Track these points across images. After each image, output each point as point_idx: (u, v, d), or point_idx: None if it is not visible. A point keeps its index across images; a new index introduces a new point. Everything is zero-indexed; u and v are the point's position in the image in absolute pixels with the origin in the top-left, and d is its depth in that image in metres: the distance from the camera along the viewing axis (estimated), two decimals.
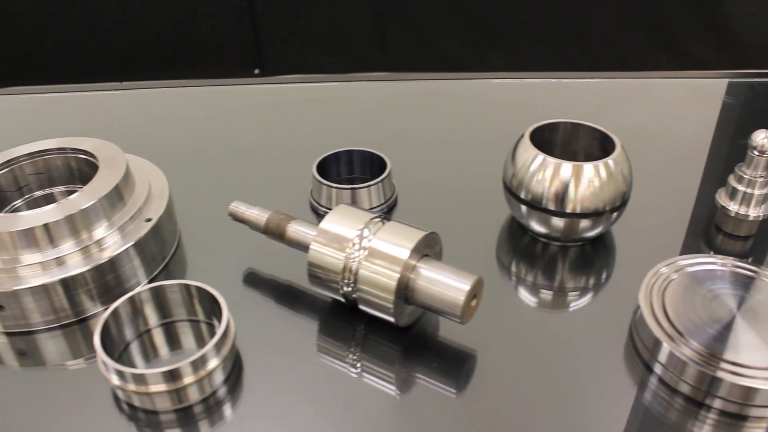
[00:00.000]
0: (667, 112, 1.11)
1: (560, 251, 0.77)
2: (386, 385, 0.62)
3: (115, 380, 0.57)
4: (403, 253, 0.61)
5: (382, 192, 0.79)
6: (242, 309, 0.67)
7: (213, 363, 0.58)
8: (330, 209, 0.80)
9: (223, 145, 1.02)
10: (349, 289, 0.63)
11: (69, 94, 1.24)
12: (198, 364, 0.57)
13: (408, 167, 0.88)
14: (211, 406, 0.59)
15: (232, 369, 0.62)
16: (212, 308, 0.63)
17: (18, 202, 0.78)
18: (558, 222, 0.73)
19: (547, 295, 0.73)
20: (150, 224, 0.71)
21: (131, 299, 0.63)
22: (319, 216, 0.81)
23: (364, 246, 0.62)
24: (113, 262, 0.67)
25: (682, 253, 0.74)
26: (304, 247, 0.68)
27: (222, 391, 0.60)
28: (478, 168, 0.92)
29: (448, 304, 0.60)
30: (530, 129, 0.77)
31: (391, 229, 0.63)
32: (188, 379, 0.57)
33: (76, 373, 0.65)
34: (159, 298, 0.64)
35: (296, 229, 0.68)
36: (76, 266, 0.66)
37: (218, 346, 0.58)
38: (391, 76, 1.19)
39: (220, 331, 0.58)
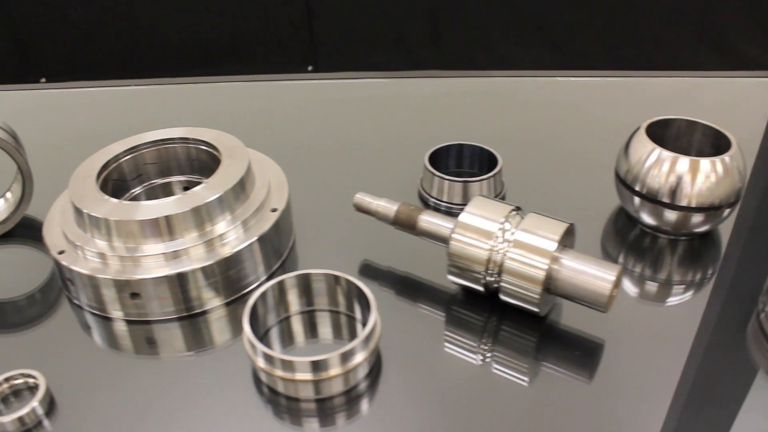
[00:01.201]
0: (719, 111, 1.11)
1: (668, 244, 0.78)
2: (519, 375, 0.63)
3: (261, 363, 0.59)
4: (550, 245, 0.62)
5: (493, 187, 0.80)
6: None
7: (360, 357, 0.59)
8: (441, 201, 0.82)
9: (315, 137, 1.03)
10: (492, 279, 0.65)
11: (142, 88, 1.25)
12: (346, 357, 0.58)
13: (511, 163, 0.89)
14: (351, 399, 0.60)
15: (375, 363, 0.63)
16: (358, 302, 0.64)
17: (137, 190, 0.79)
18: (671, 215, 0.75)
19: (652, 286, 0.75)
20: (275, 215, 0.71)
21: (279, 284, 0.64)
22: (429, 206, 0.82)
23: (507, 238, 0.64)
24: (236, 257, 0.67)
25: None
26: (436, 238, 0.69)
27: (363, 385, 0.61)
28: (575, 163, 0.93)
29: (594, 293, 0.62)
30: (646, 123, 0.78)
31: (533, 221, 0.64)
32: (334, 371, 0.58)
33: (205, 360, 0.66)
34: (304, 285, 0.65)
35: (429, 221, 0.69)
36: (199, 259, 0.66)
37: (366, 341, 0.59)
38: (476, 74, 1.21)
39: (369, 326, 0.59)
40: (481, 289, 0.66)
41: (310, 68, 1.80)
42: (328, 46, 1.82)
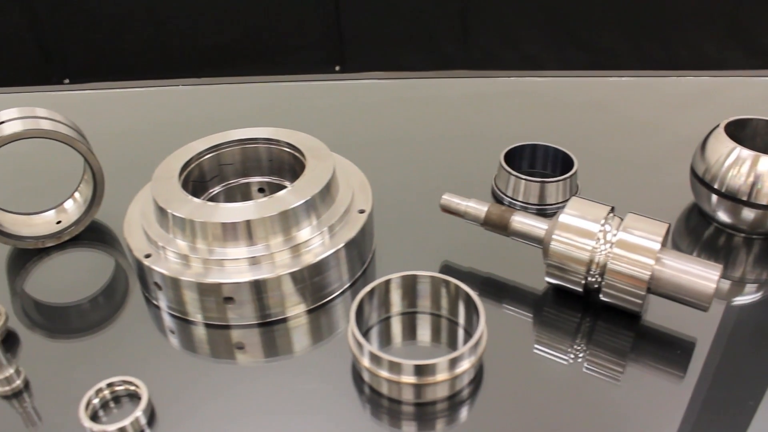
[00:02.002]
0: (746, 111, 1.13)
1: (743, 243, 0.78)
2: (614, 375, 0.62)
3: (366, 362, 0.58)
4: (654, 245, 0.62)
5: (568, 188, 0.80)
6: None
7: (466, 364, 0.58)
8: (516, 200, 0.82)
9: (376, 137, 1.02)
10: (593, 279, 0.64)
11: (168, 88, 1.24)
12: (454, 363, 0.57)
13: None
14: (453, 404, 0.59)
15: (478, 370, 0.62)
16: (464, 307, 0.63)
17: (216, 189, 0.77)
18: (749, 214, 0.75)
19: (725, 284, 0.74)
20: (363, 217, 0.70)
21: (386, 283, 0.63)
22: (503, 205, 0.81)
23: (609, 239, 0.63)
24: (321, 264, 0.66)
25: None
26: (529, 239, 0.68)
27: (466, 392, 0.60)
28: (641, 162, 0.93)
29: (698, 293, 0.61)
30: (724, 122, 0.78)
31: (633, 221, 0.64)
32: (441, 376, 0.57)
33: (295, 364, 0.65)
34: (409, 286, 0.64)
35: (522, 221, 0.69)
36: (284, 265, 0.64)
37: (475, 347, 0.58)
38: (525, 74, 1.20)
39: (478, 333, 0.58)
40: (579, 289, 0.66)
41: (337, 68, 1.78)
42: (355, 46, 1.80)
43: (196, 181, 0.73)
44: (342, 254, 0.67)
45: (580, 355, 0.64)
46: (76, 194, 0.79)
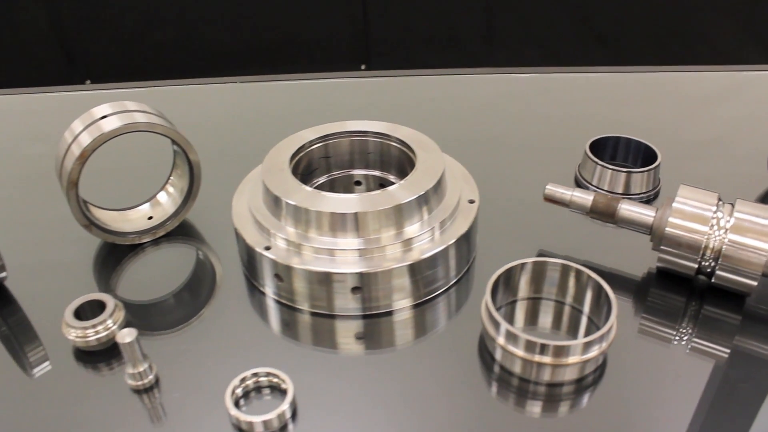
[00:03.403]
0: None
1: None
2: (722, 354, 0.64)
3: (502, 341, 0.59)
4: None
5: (652, 179, 0.82)
6: None
7: (596, 350, 0.58)
8: (600, 189, 0.83)
9: (449, 133, 0.98)
10: (707, 264, 0.66)
11: (189, 87, 1.22)
12: (587, 346, 0.58)
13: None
14: (579, 388, 0.60)
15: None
16: (592, 296, 0.64)
17: (321, 179, 0.77)
18: None
19: None
20: (473, 208, 0.70)
21: (519, 267, 0.64)
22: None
23: (723, 225, 0.65)
24: (432, 259, 0.66)
25: None
26: (638, 225, 0.70)
27: (590, 378, 0.61)
28: (713, 153, 0.94)
29: None
30: None
31: (744, 207, 0.65)
32: (573, 359, 0.58)
33: (414, 352, 0.65)
34: (538, 272, 0.65)
35: (629, 209, 0.70)
36: (394, 259, 0.64)
37: (607, 333, 0.59)
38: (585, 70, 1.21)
39: (610, 322, 0.59)
40: (692, 274, 0.67)
41: (363, 67, 1.78)
42: (381, 45, 1.81)
43: (304, 170, 0.73)
44: (452, 249, 0.68)
45: (686, 338, 0.66)
46: (169, 187, 0.78)
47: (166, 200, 0.77)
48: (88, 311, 0.63)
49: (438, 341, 0.66)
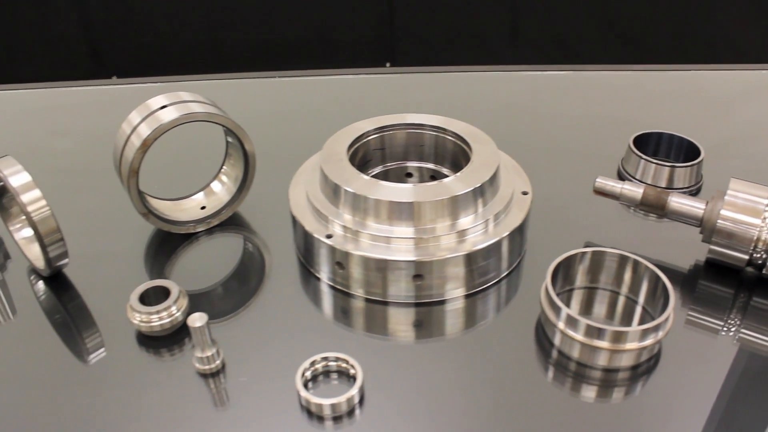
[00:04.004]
0: None
1: None
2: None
3: (561, 325, 0.61)
4: None
5: (694, 174, 0.83)
6: None
7: (651, 339, 0.59)
8: (644, 182, 0.83)
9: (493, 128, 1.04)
10: (758, 255, 0.67)
11: (215, 82, 1.22)
12: (645, 334, 0.59)
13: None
14: (633, 376, 0.61)
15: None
16: (648, 286, 0.65)
17: (375, 170, 0.78)
18: None
19: None
20: (527, 199, 0.71)
21: (579, 255, 0.65)
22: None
23: None
24: (486, 250, 0.67)
25: None
26: (688, 217, 0.71)
27: (644, 366, 0.62)
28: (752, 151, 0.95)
29: None
30: None
31: None
32: (631, 345, 0.59)
33: (474, 337, 0.67)
34: (595, 262, 0.66)
35: (680, 202, 0.71)
36: (449, 249, 0.66)
37: (664, 323, 0.60)
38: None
39: (668, 311, 0.60)
40: (742, 266, 0.68)
41: (387, 64, 1.80)
42: (406, 43, 1.82)
43: (360, 161, 0.74)
44: (506, 241, 0.68)
45: (733, 329, 0.66)
46: (223, 177, 0.79)
47: (220, 189, 0.79)
48: (152, 297, 0.64)
49: (493, 329, 0.68)
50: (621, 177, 0.86)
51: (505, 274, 0.71)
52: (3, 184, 0.71)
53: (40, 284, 0.73)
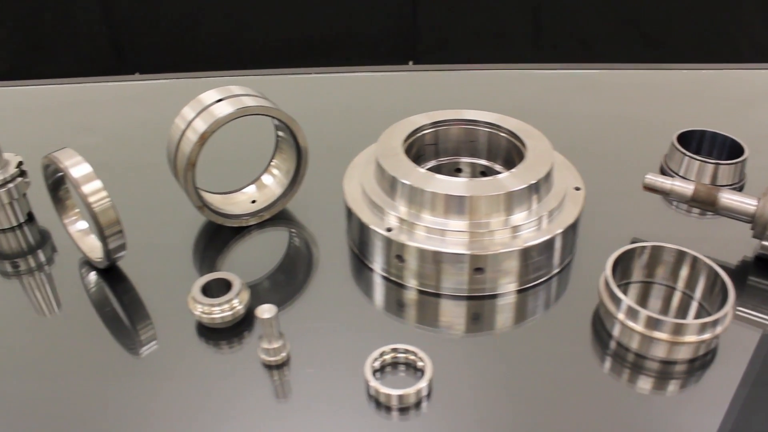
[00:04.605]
0: None
1: None
2: None
3: (621, 316, 0.61)
4: None
5: (738, 172, 0.84)
6: None
7: (709, 333, 0.60)
8: (687, 179, 0.83)
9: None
10: None
11: (236, 78, 1.21)
12: (704, 327, 0.59)
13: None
14: (689, 369, 0.62)
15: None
16: (705, 282, 0.65)
17: (429, 164, 0.79)
18: None
19: None
20: (580, 195, 0.71)
21: (640, 249, 0.66)
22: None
23: None
24: (539, 246, 0.67)
25: None
26: (740, 214, 0.71)
27: (699, 362, 0.62)
28: None
29: None
30: None
31: None
32: (690, 337, 0.59)
33: (532, 330, 0.67)
34: (653, 256, 0.67)
35: (731, 198, 0.71)
36: (502, 244, 0.66)
37: (723, 318, 0.60)
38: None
39: (727, 306, 0.60)
40: None
41: (410, 63, 1.80)
42: (429, 41, 1.82)
43: (414, 155, 0.75)
44: (559, 237, 0.69)
45: None
46: (274, 170, 0.79)
47: (272, 183, 0.79)
48: (214, 289, 0.65)
49: (548, 322, 0.69)
50: (663, 173, 0.86)
51: (557, 269, 0.71)
52: (60, 175, 0.72)
53: (92, 276, 0.73)
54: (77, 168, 0.65)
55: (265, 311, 0.58)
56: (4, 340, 0.67)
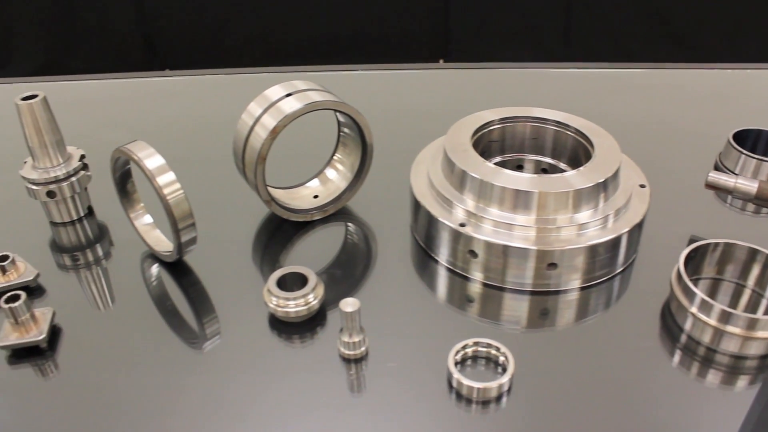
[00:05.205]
0: None
1: None
2: None
3: (694, 309, 0.62)
4: None
5: None
6: None
7: None
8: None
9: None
10: None
11: (262, 75, 1.24)
12: None
13: None
14: (760, 365, 0.62)
15: None
16: None
17: (494, 160, 0.79)
18: None
19: None
20: (645, 192, 0.72)
21: (713, 246, 0.66)
22: None
23: None
24: (605, 244, 0.67)
25: None
26: None
27: None
28: None
29: None
30: None
31: None
32: (762, 333, 0.60)
33: (598, 325, 0.68)
34: (724, 253, 0.67)
35: None
36: (568, 241, 0.66)
37: None
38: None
39: None
40: None
41: (441, 61, 1.80)
42: (460, 39, 1.83)
43: (481, 150, 0.75)
44: (625, 236, 0.69)
45: None
46: (337, 165, 0.80)
47: (335, 177, 0.80)
48: (288, 282, 0.65)
49: (615, 317, 0.69)
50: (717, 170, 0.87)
51: (621, 266, 0.71)
52: (128, 168, 0.72)
53: (154, 270, 0.73)
54: (151, 160, 0.66)
55: (348, 305, 0.58)
56: (70, 333, 0.67)
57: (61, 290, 0.72)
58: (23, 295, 0.62)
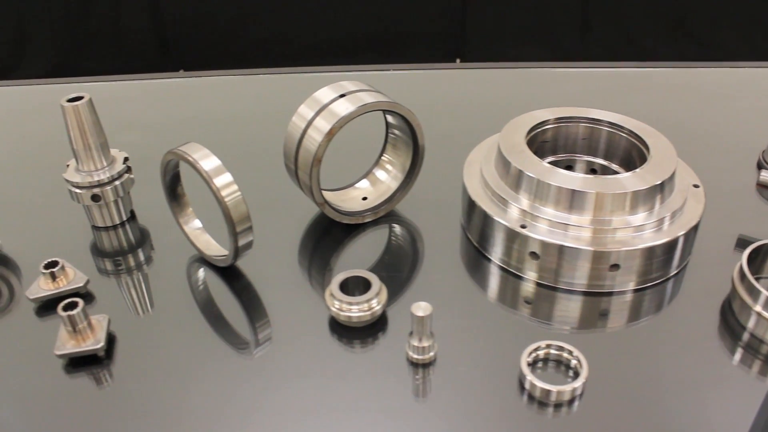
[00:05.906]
0: None
1: None
2: None
3: (759, 308, 0.62)
4: None
5: None
6: None
7: None
8: None
9: None
10: None
11: (276, 76, 1.23)
12: None
13: None
14: None
15: None
16: None
17: (547, 159, 0.78)
18: None
19: None
20: (700, 192, 0.71)
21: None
22: None
23: None
24: (660, 247, 0.67)
25: None
26: None
27: None
28: None
29: None
30: None
31: None
32: None
33: (657, 325, 0.67)
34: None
35: None
36: (622, 242, 0.66)
37: None
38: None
39: None
40: None
41: (457, 60, 1.80)
42: (476, 39, 1.83)
43: (534, 149, 0.74)
44: (682, 238, 0.68)
45: None
46: (387, 166, 0.79)
47: (386, 178, 0.79)
48: (350, 286, 0.64)
49: (673, 318, 0.68)
50: (760, 167, 0.86)
51: (676, 268, 0.71)
52: (177, 171, 0.70)
53: (200, 274, 0.72)
54: (207, 161, 0.64)
55: (420, 309, 0.57)
56: (122, 341, 0.65)
57: (108, 296, 0.71)
58: (81, 302, 0.61)
